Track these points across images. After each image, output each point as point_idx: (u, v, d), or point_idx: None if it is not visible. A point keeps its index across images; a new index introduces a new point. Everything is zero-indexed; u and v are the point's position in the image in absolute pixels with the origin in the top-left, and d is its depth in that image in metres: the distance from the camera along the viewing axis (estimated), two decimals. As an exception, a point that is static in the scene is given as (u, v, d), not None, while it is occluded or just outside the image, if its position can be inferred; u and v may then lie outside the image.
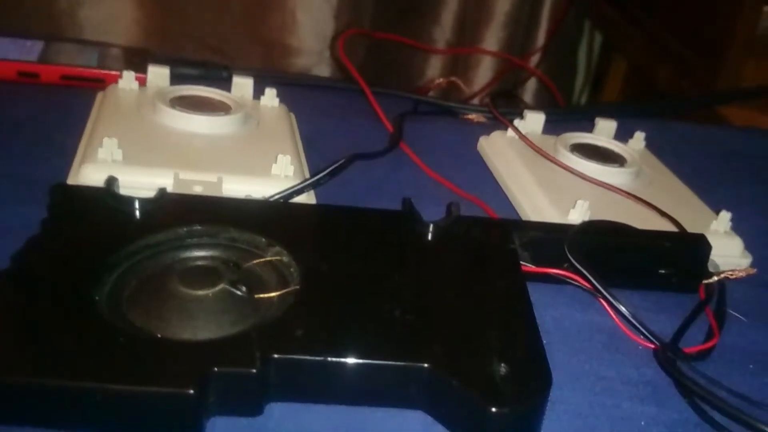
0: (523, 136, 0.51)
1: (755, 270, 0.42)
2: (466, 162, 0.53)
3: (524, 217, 0.46)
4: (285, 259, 0.35)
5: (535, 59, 0.95)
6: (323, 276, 0.34)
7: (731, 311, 0.39)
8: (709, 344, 0.36)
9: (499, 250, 0.37)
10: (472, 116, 0.60)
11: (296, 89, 0.60)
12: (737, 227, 0.45)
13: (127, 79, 0.49)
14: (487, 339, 0.31)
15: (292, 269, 0.34)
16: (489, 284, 0.35)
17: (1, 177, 0.42)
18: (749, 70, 0.78)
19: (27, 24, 0.87)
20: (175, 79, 0.52)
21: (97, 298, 0.30)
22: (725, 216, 0.44)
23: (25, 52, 0.53)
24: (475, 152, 0.55)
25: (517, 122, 0.53)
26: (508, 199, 0.48)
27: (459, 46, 0.94)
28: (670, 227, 0.43)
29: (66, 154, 0.42)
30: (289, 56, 0.88)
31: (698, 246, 0.40)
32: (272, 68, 0.86)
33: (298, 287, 0.33)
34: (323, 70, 0.88)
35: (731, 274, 0.41)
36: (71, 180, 0.39)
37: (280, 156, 0.42)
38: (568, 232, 0.39)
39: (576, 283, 0.38)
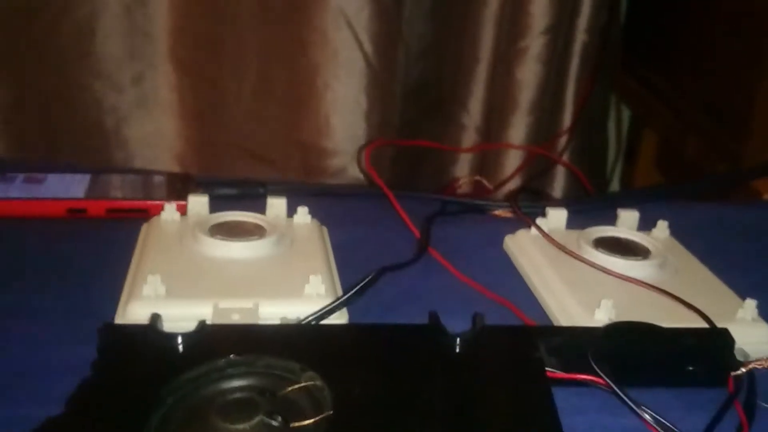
0: (546, 235, 0.53)
1: (782, 358, 0.43)
2: (494, 261, 0.55)
3: (551, 317, 0.47)
4: (318, 383, 0.36)
5: (564, 140, 0.97)
6: (355, 399, 0.35)
7: (762, 403, 0.40)
8: (740, 441, 0.37)
9: (524, 360, 0.39)
10: (500, 212, 0.62)
11: (329, 196, 0.64)
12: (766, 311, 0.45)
13: (169, 211, 0.53)
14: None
15: (325, 393, 0.36)
16: (515, 397, 0.36)
17: (57, 315, 0.45)
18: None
19: (76, 143, 0.92)
20: (216, 199, 0.55)
21: (145, 437, 0.33)
22: (751, 304, 0.45)
23: (73, 188, 0.57)
24: (503, 251, 0.56)
25: (539, 220, 0.55)
26: (535, 298, 0.50)
27: (487, 131, 0.97)
28: (697, 318, 0.44)
29: (115, 289, 0.45)
30: (325, 158, 0.91)
31: (722, 341, 0.41)
32: (304, 181, 0.90)
33: (331, 412, 0.34)
34: (357, 170, 0.91)
35: (760, 365, 0.42)
36: (119, 317, 0.42)
37: (311, 276, 0.44)
38: (591, 338, 0.40)
39: (605, 388, 0.39)
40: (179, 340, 0.38)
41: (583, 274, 0.49)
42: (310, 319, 0.42)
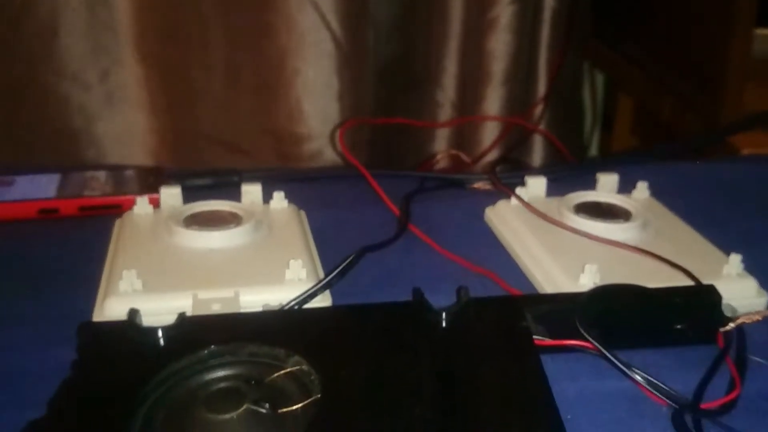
0: (526, 204, 0.52)
1: (771, 310, 0.42)
2: (476, 234, 0.54)
3: (536, 286, 0.47)
4: (305, 368, 0.36)
5: (540, 109, 0.96)
6: (343, 381, 0.35)
7: (752, 357, 0.39)
8: (732, 395, 0.36)
9: (512, 331, 0.38)
10: (479, 184, 0.61)
11: (305, 181, 0.63)
12: (752, 265, 0.45)
13: (141, 205, 0.51)
14: (506, 427, 0.32)
15: (312, 377, 0.35)
16: (504, 369, 0.36)
17: (33, 318, 0.44)
18: (751, 95, 0.79)
19: (45, 144, 0.90)
20: (190, 190, 0.54)
21: (129, 434, 0.32)
22: (735, 258, 0.45)
23: (43, 188, 0.56)
24: (484, 223, 0.56)
25: (519, 189, 0.54)
26: (519, 268, 0.49)
27: (462, 105, 0.96)
28: (682, 277, 0.44)
29: (92, 287, 0.44)
30: (300, 143, 0.90)
31: (709, 297, 0.41)
32: (279, 166, 0.89)
33: (319, 396, 0.34)
34: (333, 152, 0.90)
35: (748, 319, 0.41)
36: (96, 315, 0.41)
37: (291, 261, 0.44)
38: (577, 302, 0.40)
39: (594, 352, 0.38)
40: (159, 333, 0.37)
41: (565, 241, 0.48)
42: (292, 304, 0.42)
